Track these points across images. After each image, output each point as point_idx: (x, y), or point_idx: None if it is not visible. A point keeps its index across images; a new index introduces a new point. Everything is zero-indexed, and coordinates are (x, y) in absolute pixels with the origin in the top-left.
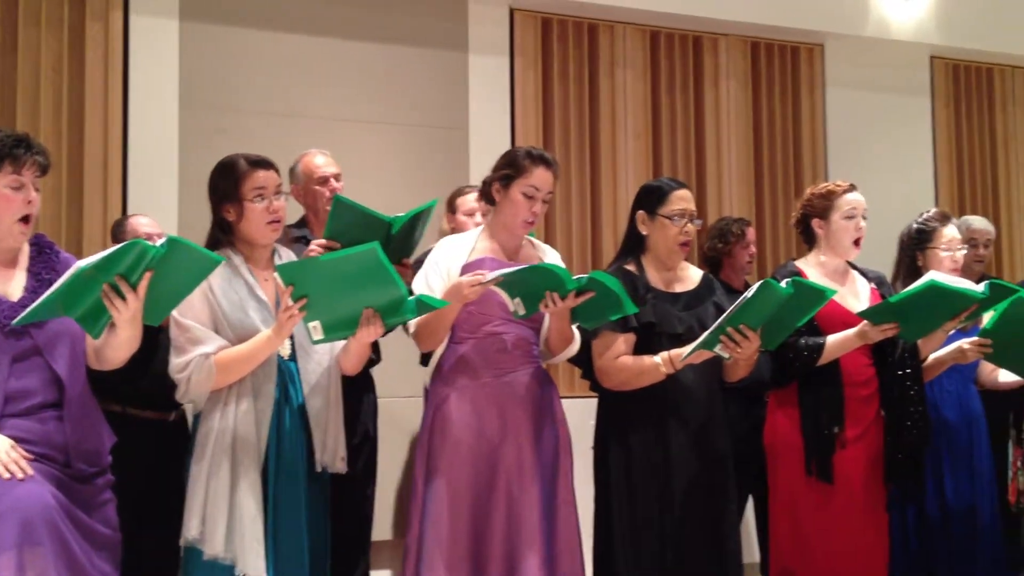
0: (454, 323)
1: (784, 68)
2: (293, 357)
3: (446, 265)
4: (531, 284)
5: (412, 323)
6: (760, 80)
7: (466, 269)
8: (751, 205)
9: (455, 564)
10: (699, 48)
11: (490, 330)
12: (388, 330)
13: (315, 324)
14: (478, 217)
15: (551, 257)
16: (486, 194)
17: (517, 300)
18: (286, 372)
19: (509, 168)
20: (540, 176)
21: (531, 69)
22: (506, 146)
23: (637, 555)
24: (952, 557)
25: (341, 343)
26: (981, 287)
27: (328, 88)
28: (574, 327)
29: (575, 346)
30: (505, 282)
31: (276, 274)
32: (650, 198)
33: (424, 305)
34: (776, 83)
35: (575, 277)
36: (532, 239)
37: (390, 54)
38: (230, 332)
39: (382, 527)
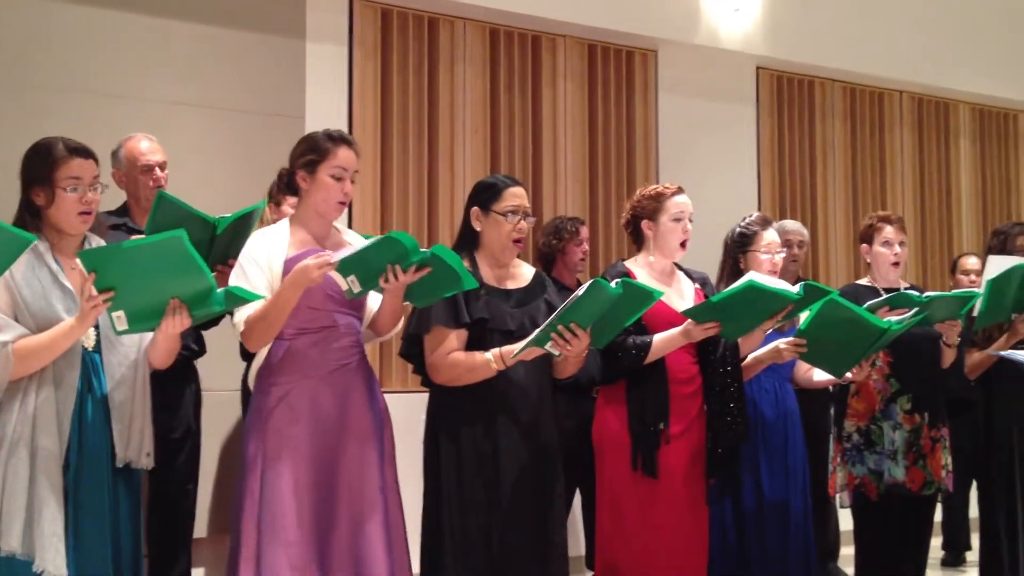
0: None
1: (619, 71)
2: (98, 348)
3: (266, 259)
4: (372, 260)
5: (241, 320)
6: (596, 82)
7: (289, 263)
8: (585, 204)
9: (300, 560)
10: (538, 47)
11: (322, 322)
12: (196, 322)
13: (119, 314)
14: None
15: (357, 241)
16: (290, 184)
17: (352, 278)
18: (90, 364)
19: (312, 153)
20: (344, 156)
21: (370, 60)
22: None
23: (464, 548)
24: (766, 549)
25: (150, 335)
26: (797, 288)
27: (158, 69)
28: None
29: (399, 324)
30: (350, 261)
31: (79, 260)
32: (485, 194)
33: (234, 297)
34: (611, 86)
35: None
36: (337, 225)
37: (224, 37)
38: (31, 321)
39: (199, 524)
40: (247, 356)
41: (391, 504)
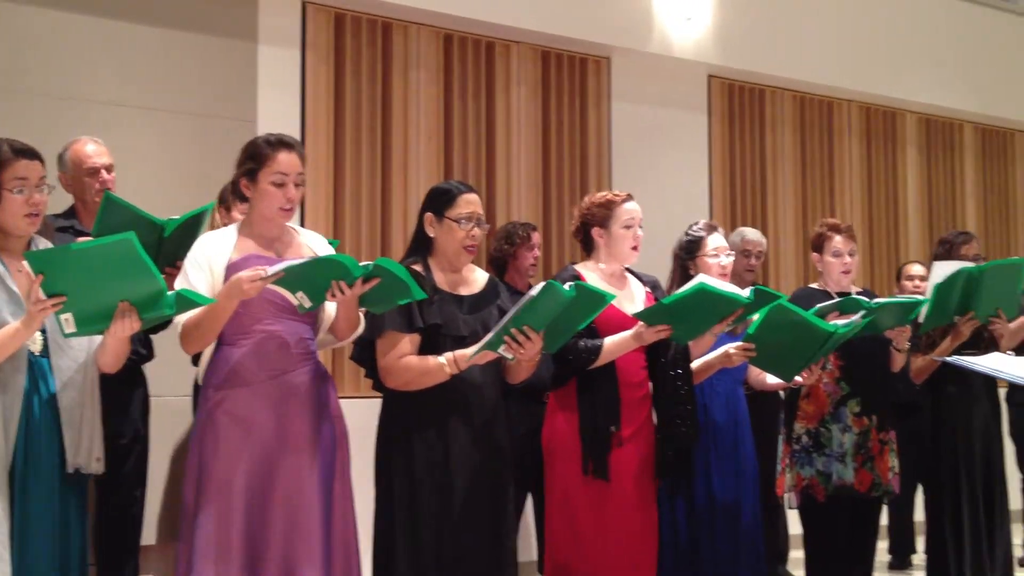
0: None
1: (573, 78)
2: (45, 352)
3: (207, 263)
4: (314, 276)
5: (179, 323)
6: (550, 89)
7: (231, 268)
8: (538, 210)
9: (227, 572)
10: (491, 54)
11: (263, 329)
12: (146, 325)
13: (67, 316)
14: None
15: (316, 242)
16: (237, 192)
17: (300, 294)
18: (37, 368)
19: (251, 161)
20: (285, 160)
21: (323, 64)
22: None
23: (416, 553)
24: (716, 551)
25: (99, 339)
26: (747, 292)
27: (105, 71)
28: (360, 310)
29: (361, 327)
30: (287, 276)
31: (26, 262)
32: (438, 200)
33: (185, 300)
34: (565, 93)
35: (361, 264)
36: (295, 227)
37: (174, 39)
38: None
39: (147, 531)
40: (197, 361)
41: (339, 513)
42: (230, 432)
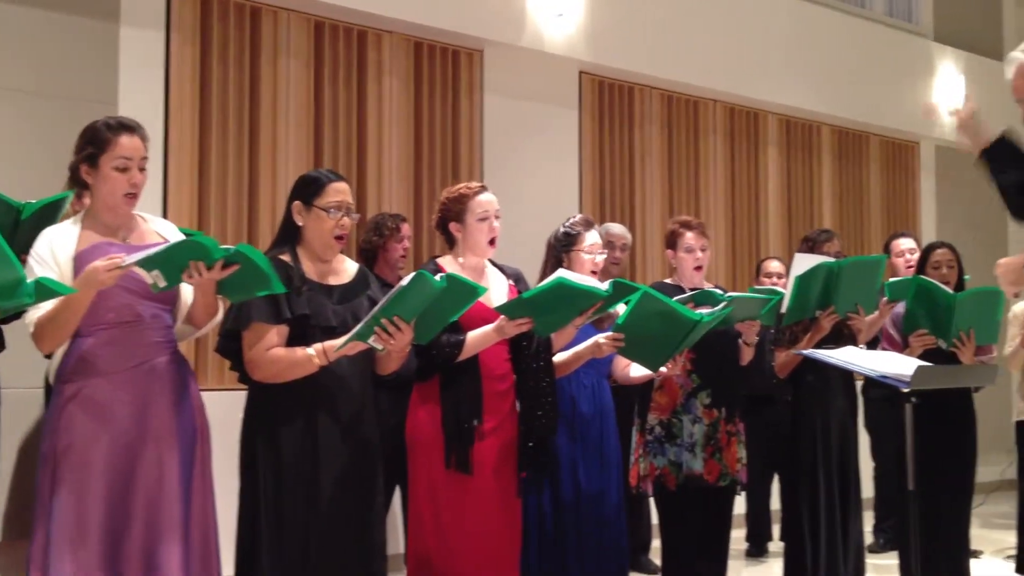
0: None
1: (445, 70)
2: None
3: (51, 256)
4: (173, 258)
5: (32, 321)
6: (422, 80)
7: (79, 259)
8: (410, 202)
9: (87, 568)
10: (363, 43)
11: (119, 318)
12: (3, 315)
13: None
14: None
15: (166, 229)
16: (77, 180)
17: (156, 272)
18: None
19: (91, 146)
20: (127, 144)
21: (188, 47)
22: (160, 125)
23: (281, 546)
24: (581, 541)
25: None
26: (605, 285)
27: None
28: (219, 298)
29: (219, 316)
30: (145, 262)
31: None
32: (307, 189)
33: (45, 289)
34: (437, 84)
35: (222, 247)
36: (142, 214)
37: (34, 18)
38: None
39: None
40: (50, 353)
41: (198, 507)
42: (87, 422)
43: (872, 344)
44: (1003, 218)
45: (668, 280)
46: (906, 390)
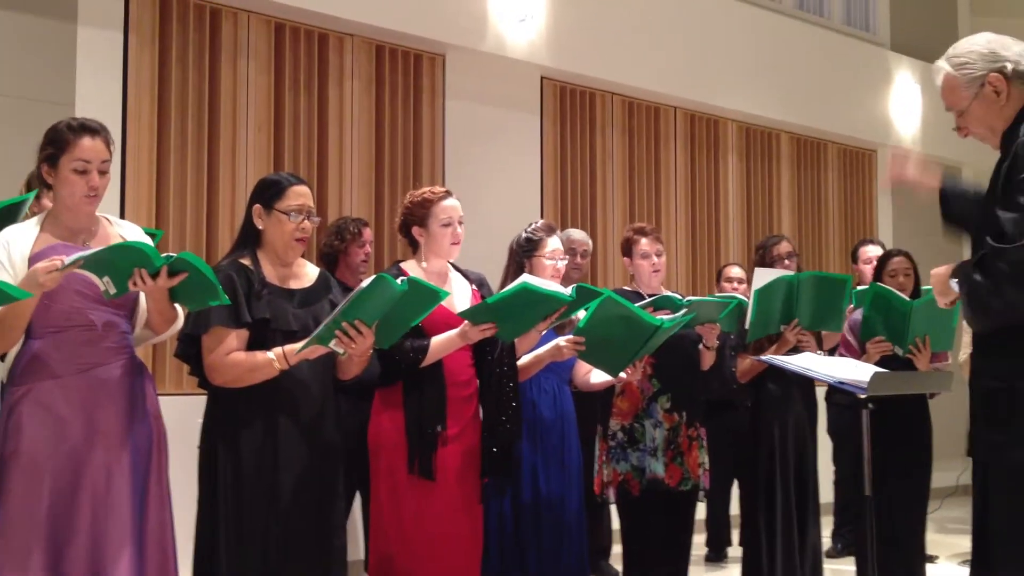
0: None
1: (407, 74)
2: None
3: (7, 257)
4: (117, 263)
5: None
6: (384, 84)
7: (35, 260)
8: (371, 206)
9: (30, 571)
10: (324, 46)
11: (69, 322)
12: None
13: None
14: None
15: (132, 232)
16: (39, 178)
17: (107, 279)
18: None
19: (52, 146)
20: (88, 146)
21: (147, 48)
22: (117, 127)
23: (241, 553)
24: (541, 546)
25: None
26: (569, 290)
27: None
28: (176, 305)
29: (179, 323)
30: (87, 264)
31: None
32: (267, 192)
33: (1, 293)
34: (399, 88)
35: (163, 255)
36: (108, 216)
37: None
38: None
39: None
40: (3, 354)
41: (154, 516)
42: (35, 428)
43: (831, 351)
44: None
45: (627, 287)
46: (863, 396)
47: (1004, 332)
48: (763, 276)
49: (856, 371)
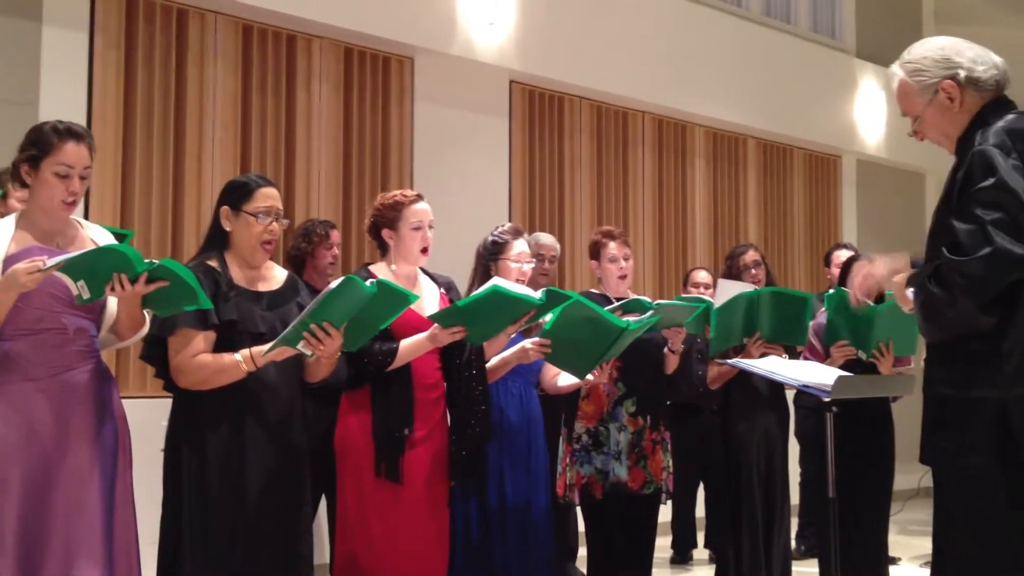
0: None
1: (376, 77)
2: None
3: None
4: (97, 267)
5: None
6: (352, 86)
7: (9, 262)
8: (339, 208)
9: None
10: (292, 47)
11: (41, 325)
12: None
13: None
14: None
15: (103, 237)
16: (17, 177)
17: (81, 283)
18: None
19: (34, 148)
20: (72, 152)
21: (113, 49)
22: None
23: (206, 556)
24: (507, 549)
25: None
26: (539, 294)
27: None
28: (145, 311)
29: (145, 328)
30: (67, 266)
31: None
32: (235, 194)
33: None
34: (367, 90)
35: (146, 260)
36: (80, 220)
37: None
38: None
39: None
40: None
41: (120, 516)
42: (6, 430)
43: (796, 354)
44: (920, 229)
45: (594, 291)
46: (827, 399)
47: (956, 340)
48: (724, 291)
49: (820, 375)
